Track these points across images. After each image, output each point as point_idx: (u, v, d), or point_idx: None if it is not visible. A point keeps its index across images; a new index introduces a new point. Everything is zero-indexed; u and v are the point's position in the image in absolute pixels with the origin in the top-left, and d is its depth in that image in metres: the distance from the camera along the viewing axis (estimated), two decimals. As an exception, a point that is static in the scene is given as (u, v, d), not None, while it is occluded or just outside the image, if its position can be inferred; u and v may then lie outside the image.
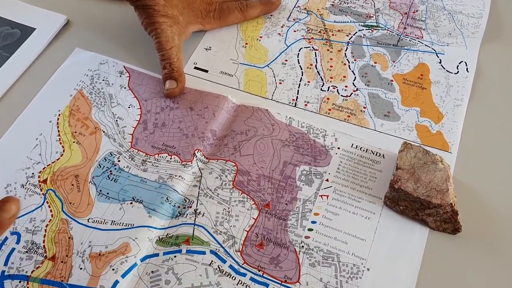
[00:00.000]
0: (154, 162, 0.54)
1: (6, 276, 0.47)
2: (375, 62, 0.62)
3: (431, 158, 0.51)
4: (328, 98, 0.59)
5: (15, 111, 0.58)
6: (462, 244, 0.49)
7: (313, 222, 0.50)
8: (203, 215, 0.50)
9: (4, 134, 0.56)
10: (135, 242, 0.48)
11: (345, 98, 0.59)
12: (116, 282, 0.46)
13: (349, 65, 0.62)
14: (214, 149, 0.55)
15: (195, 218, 0.50)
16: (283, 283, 0.47)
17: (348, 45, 0.64)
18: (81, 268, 0.47)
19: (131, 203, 0.51)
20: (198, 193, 0.52)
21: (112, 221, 0.50)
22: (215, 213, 0.50)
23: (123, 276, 0.46)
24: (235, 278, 0.47)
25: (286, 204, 0.51)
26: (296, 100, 0.59)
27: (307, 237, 0.49)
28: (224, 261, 0.47)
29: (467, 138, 0.56)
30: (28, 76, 0.62)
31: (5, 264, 0.47)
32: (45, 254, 0.48)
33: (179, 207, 0.51)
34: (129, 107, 0.59)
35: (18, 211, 0.40)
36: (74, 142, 0.56)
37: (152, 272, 0.47)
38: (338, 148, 0.55)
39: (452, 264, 0.48)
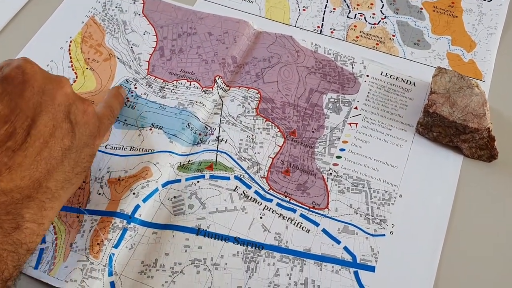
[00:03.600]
0: (173, 89, 0.51)
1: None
2: (404, -10, 0.59)
3: (466, 83, 0.48)
4: (355, 26, 0.56)
5: (24, 37, 0.55)
6: (498, 172, 0.47)
7: (342, 149, 0.48)
8: (226, 141, 0.48)
9: (13, 61, 0.53)
10: (156, 167, 0.46)
11: (373, 25, 0.56)
12: (137, 206, 0.43)
13: (376, -7, 0.59)
14: (235, 77, 0.52)
15: (217, 145, 0.48)
16: (311, 209, 0.44)
17: (374, -28, 0.60)
18: (99, 194, 0.45)
19: (151, 129, 0.49)
20: (220, 120, 0.49)
21: (131, 147, 0.47)
22: (238, 140, 0.48)
23: (144, 200, 0.44)
24: (261, 204, 0.44)
25: (313, 132, 0.49)
26: (322, 27, 0.56)
27: (335, 165, 0.47)
28: (249, 187, 0.45)
29: (501, 67, 0.53)
30: (38, 1, 0.58)
31: None
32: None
33: (200, 134, 0.49)
34: (144, 34, 0.55)
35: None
36: (87, 68, 0.53)
37: (174, 197, 0.45)
38: (367, 75, 0.52)
39: (487, 192, 0.46)
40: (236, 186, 0.45)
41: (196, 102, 0.50)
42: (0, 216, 0.33)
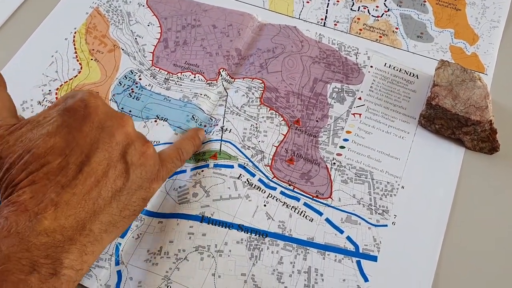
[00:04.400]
0: (177, 81, 0.52)
1: None
2: (407, -16, 0.59)
3: (469, 76, 0.48)
4: (358, 18, 0.56)
5: (29, 28, 0.55)
6: (499, 164, 0.47)
7: (345, 140, 0.48)
8: (230, 131, 0.48)
9: (18, 52, 0.54)
10: (160, 157, 0.46)
11: (376, 18, 0.56)
12: (142, 195, 0.44)
13: (379, -14, 0.59)
14: (239, 68, 0.53)
15: (221, 135, 0.48)
16: (314, 198, 0.45)
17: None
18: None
19: (155, 121, 0.49)
20: (224, 111, 0.49)
21: (135, 136, 0.48)
22: (242, 129, 0.48)
23: (149, 189, 0.44)
24: (264, 192, 0.45)
25: (317, 121, 0.49)
26: (325, 19, 0.56)
27: (339, 154, 0.47)
28: (253, 175, 0.46)
29: (503, 60, 0.54)
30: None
31: None
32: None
33: (205, 126, 0.49)
34: (148, 25, 0.56)
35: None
36: (92, 59, 0.53)
37: (179, 187, 0.45)
38: (371, 66, 0.52)
39: (489, 184, 0.46)
40: (240, 174, 0.45)
41: (201, 94, 0.50)
42: (39, 259, 0.31)
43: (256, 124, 0.49)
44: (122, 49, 0.54)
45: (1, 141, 0.34)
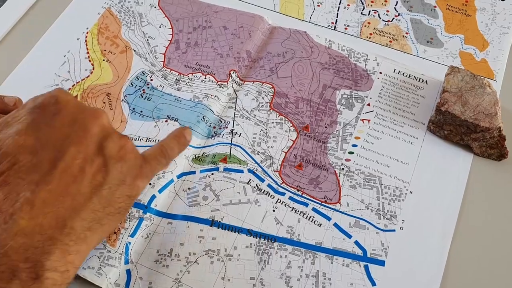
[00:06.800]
0: (188, 82, 0.52)
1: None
2: (418, -12, 0.59)
3: (479, 82, 0.48)
4: (369, 23, 0.57)
5: (41, 27, 0.56)
6: (507, 171, 0.48)
7: (354, 145, 0.49)
8: (239, 135, 0.49)
9: (30, 51, 0.54)
10: (171, 159, 0.46)
11: (386, 23, 0.57)
12: (153, 196, 0.44)
13: (390, -10, 0.59)
14: (250, 71, 0.53)
15: (231, 138, 0.48)
16: (323, 203, 0.45)
17: (389, -31, 0.61)
18: (116, 184, 0.46)
19: (166, 121, 0.49)
20: (234, 114, 0.50)
21: (147, 138, 0.48)
22: (252, 134, 0.49)
23: (160, 191, 0.45)
24: (273, 197, 0.45)
25: (326, 127, 0.49)
26: (336, 23, 0.56)
27: (347, 160, 0.48)
28: (262, 180, 0.46)
29: (513, 67, 0.54)
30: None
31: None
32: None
33: (214, 127, 0.49)
34: (160, 27, 0.56)
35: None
36: (104, 60, 0.54)
37: (189, 188, 0.45)
38: (380, 72, 0.53)
39: (496, 190, 0.47)
40: (250, 179, 0.46)
41: (211, 95, 0.51)
42: (18, 263, 0.29)
43: (266, 129, 0.49)
44: (134, 50, 0.54)
45: None
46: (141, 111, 0.50)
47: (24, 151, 0.31)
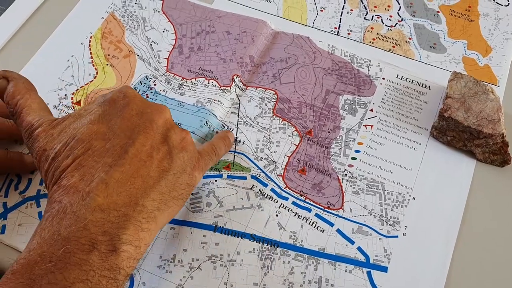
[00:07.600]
0: (191, 86, 0.52)
1: (42, 195, 0.46)
2: (421, -7, 0.59)
3: (482, 88, 0.49)
4: (372, 28, 0.57)
5: (45, 32, 0.56)
6: (510, 177, 0.48)
7: (357, 151, 0.49)
8: (243, 143, 0.49)
9: (34, 56, 0.54)
10: (174, 164, 0.47)
11: (389, 28, 0.57)
12: (157, 202, 0.44)
13: (393, -5, 0.59)
14: (253, 76, 0.53)
15: (235, 146, 0.48)
16: (326, 209, 0.45)
17: (392, -26, 0.61)
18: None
19: (169, 126, 0.49)
20: (238, 121, 0.50)
21: (150, 143, 0.48)
22: (255, 141, 0.49)
23: (163, 196, 0.45)
24: (276, 201, 0.45)
25: (329, 132, 0.49)
26: (339, 28, 0.57)
27: (350, 166, 0.48)
28: (265, 185, 0.46)
29: (516, 73, 0.54)
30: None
31: (41, 183, 0.46)
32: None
33: (217, 132, 0.49)
34: (163, 32, 0.56)
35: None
36: (107, 64, 0.54)
37: (192, 194, 0.46)
38: (383, 78, 0.53)
39: (499, 196, 0.47)
40: (253, 185, 0.46)
41: (214, 100, 0.51)
42: (97, 236, 0.31)
43: (269, 135, 0.49)
44: (138, 55, 0.55)
45: (46, 135, 0.36)
46: (145, 116, 0.50)
47: (98, 137, 0.35)
